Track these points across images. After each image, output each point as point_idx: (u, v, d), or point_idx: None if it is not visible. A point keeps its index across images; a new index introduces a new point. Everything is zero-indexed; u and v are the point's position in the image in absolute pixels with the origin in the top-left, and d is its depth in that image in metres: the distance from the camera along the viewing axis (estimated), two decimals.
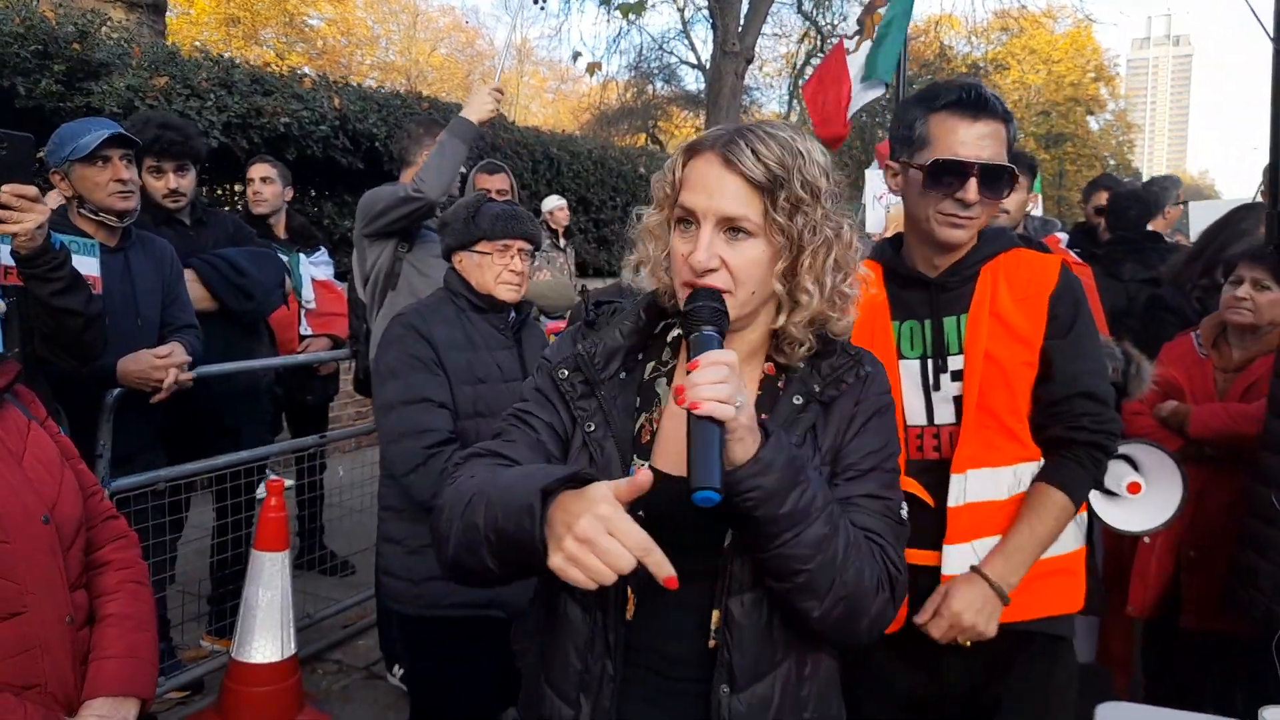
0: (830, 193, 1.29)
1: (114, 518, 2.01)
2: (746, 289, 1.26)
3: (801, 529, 1.16)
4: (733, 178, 1.23)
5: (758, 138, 1.24)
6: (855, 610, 1.23)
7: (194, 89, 5.87)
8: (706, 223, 1.25)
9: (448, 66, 33.45)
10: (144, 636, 1.89)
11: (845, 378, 1.34)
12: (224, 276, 3.68)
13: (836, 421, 1.33)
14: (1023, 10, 23.47)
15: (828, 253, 1.28)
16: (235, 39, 24.39)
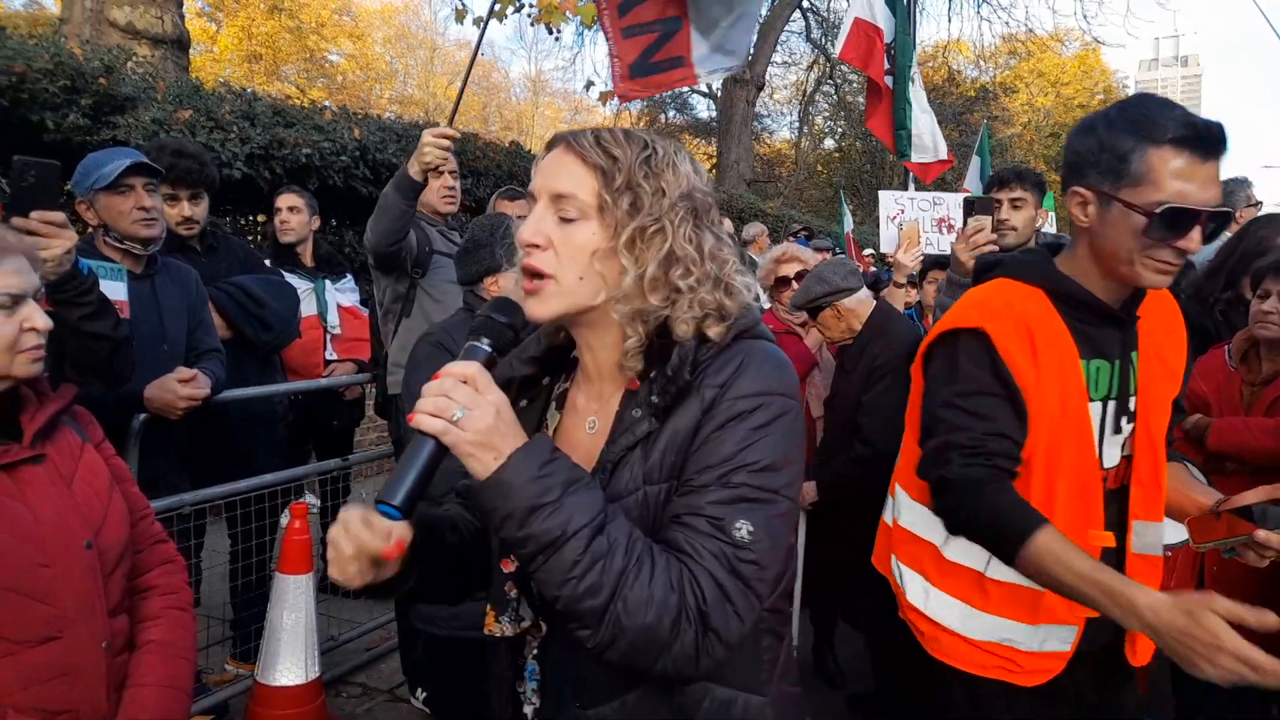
0: (689, 196, 1.25)
1: (162, 542, 2.01)
2: (572, 273, 1.23)
3: (549, 554, 1.09)
4: (570, 159, 1.24)
5: (610, 132, 1.26)
6: (641, 645, 1.12)
7: (218, 121, 5.97)
8: (541, 199, 1.26)
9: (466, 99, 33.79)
10: (183, 665, 1.88)
11: (675, 382, 1.22)
12: (241, 306, 3.71)
13: (674, 434, 1.22)
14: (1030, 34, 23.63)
15: (662, 242, 1.22)
16: (257, 75, 24.84)
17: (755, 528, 1.17)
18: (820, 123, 31.14)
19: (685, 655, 1.14)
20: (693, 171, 1.29)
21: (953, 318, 1.82)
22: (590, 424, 1.34)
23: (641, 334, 1.25)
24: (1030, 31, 23.06)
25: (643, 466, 1.23)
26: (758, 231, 8.69)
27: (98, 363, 2.67)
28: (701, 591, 1.14)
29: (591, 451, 1.30)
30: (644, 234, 1.22)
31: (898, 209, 4.13)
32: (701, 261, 1.25)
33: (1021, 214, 3.44)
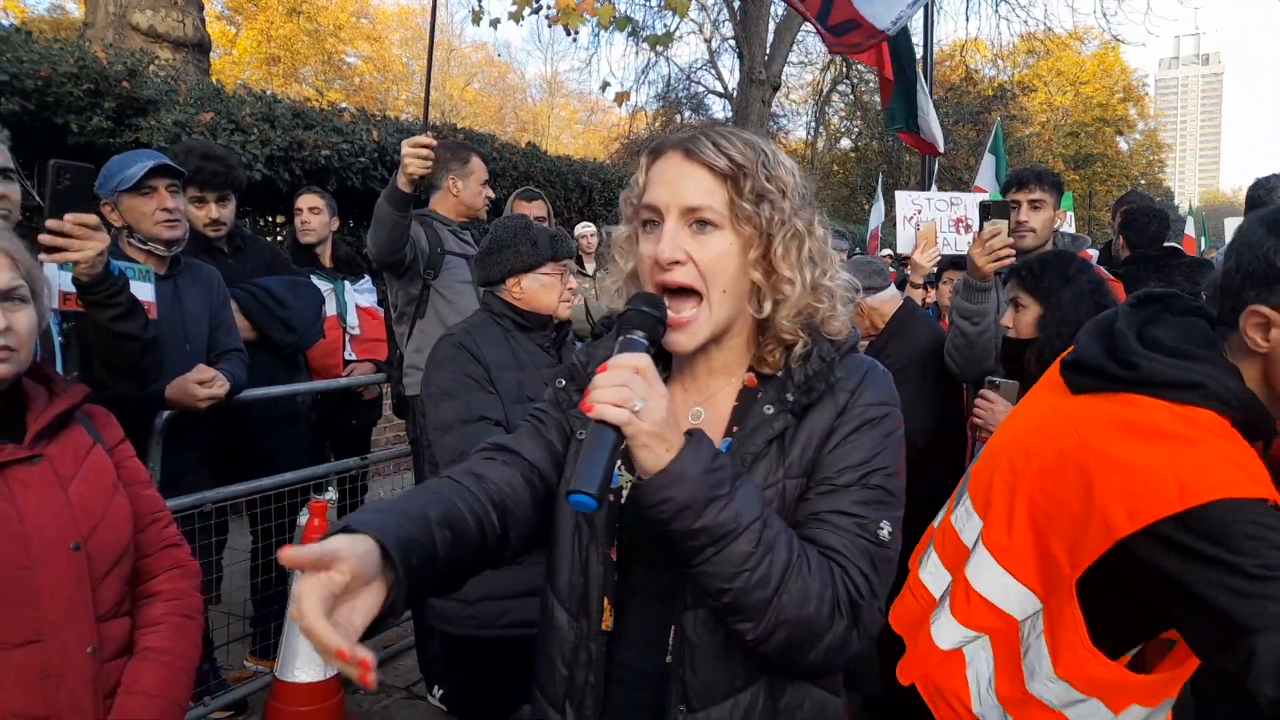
0: (799, 192, 1.26)
1: (174, 546, 1.98)
2: (718, 286, 1.22)
3: (722, 546, 1.10)
4: (695, 169, 1.21)
5: (719, 134, 1.24)
6: (800, 637, 1.14)
7: (238, 124, 6.03)
8: (670, 216, 1.22)
9: (481, 100, 34.01)
10: (178, 675, 1.83)
11: (816, 385, 1.25)
12: (266, 308, 3.74)
13: (811, 433, 1.25)
14: (1049, 33, 23.45)
15: (800, 244, 1.24)
16: (276, 77, 25.05)
17: (892, 527, 1.23)
18: (836, 123, 31.06)
19: (836, 646, 1.17)
20: (794, 166, 1.29)
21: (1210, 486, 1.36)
22: (695, 414, 1.34)
23: (805, 337, 1.28)
24: (1049, 30, 22.89)
25: (782, 462, 1.24)
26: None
27: (128, 363, 2.70)
28: (855, 586, 1.18)
29: None
30: (787, 239, 1.23)
31: (915, 209, 4.12)
32: (830, 253, 1.29)
33: (1040, 215, 3.43)
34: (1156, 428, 1.43)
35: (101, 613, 1.76)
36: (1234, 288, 1.47)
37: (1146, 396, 1.47)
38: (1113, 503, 1.40)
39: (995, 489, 1.66)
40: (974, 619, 1.65)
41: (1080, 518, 1.46)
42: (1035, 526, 1.55)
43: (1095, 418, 1.51)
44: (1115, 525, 1.39)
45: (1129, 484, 1.40)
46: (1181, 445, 1.40)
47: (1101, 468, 1.44)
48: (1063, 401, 1.61)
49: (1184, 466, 1.38)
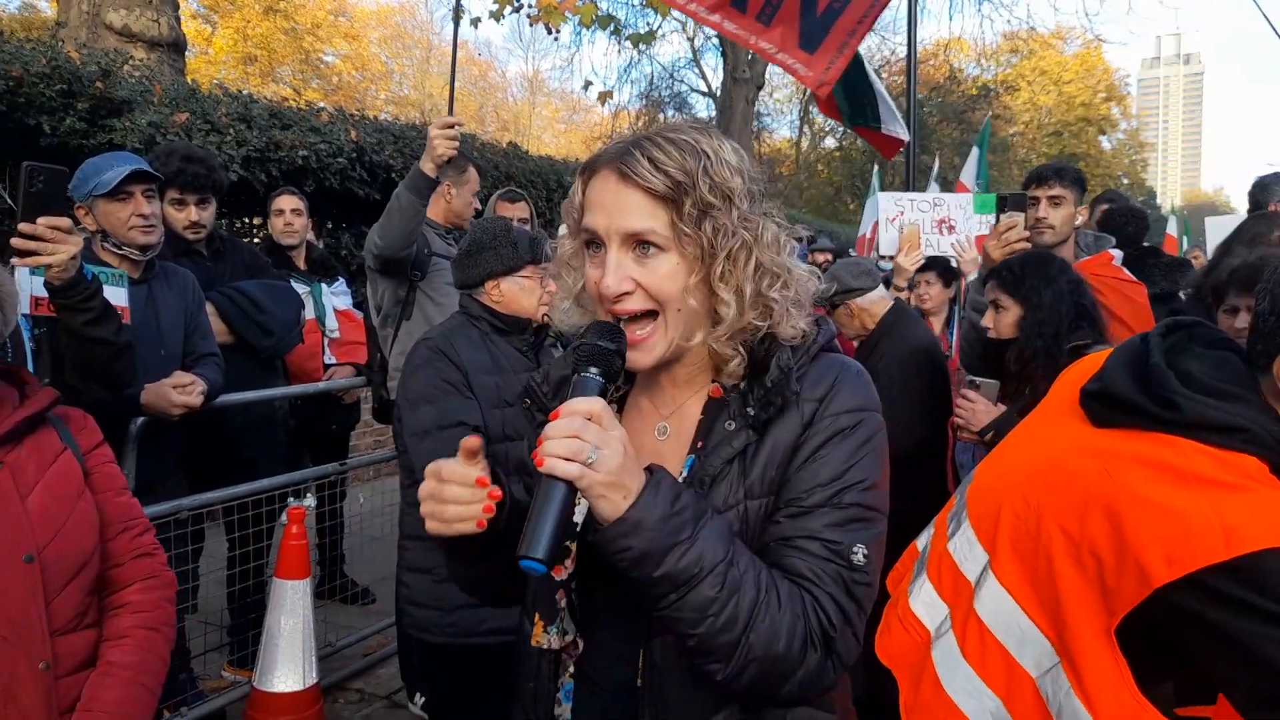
0: (747, 192, 1.20)
1: (148, 555, 1.92)
2: (671, 306, 1.18)
3: (685, 591, 1.06)
4: (632, 191, 1.15)
5: (655, 145, 1.16)
6: (771, 674, 1.11)
7: (214, 124, 5.96)
8: (612, 244, 1.17)
9: (461, 99, 33.89)
10: (139, 691, 1.77)
11: (774, 399, 1.19)
12: (243, 312, 3.71)
13: (775, 449, 1.19)
14: (1032, 32, 23.59)
15: (747, 256, 1.18)
16: (253, 77, 24.85)
17: (868, 549, 1.17)
18: (820, 121, 31.12)
19: (810, 680, 1.13)
20: (739, 159, 1.21)
21: (1260, 534, 1.30)
22: (661, 429, 1.30)
23: (743, 354, 1.23)
24: (1032, 29, 23.02)
25: (743, 482, 1.19)
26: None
27: (101, 369, 2.67)
28: (827, 616, 1.13)
29: (662, 456, 1.26)
30: (731, 255, 1.17)
31: (898, 210, 4.11)
32: (781, 259, 1.22)
33: (1060, 211, 3.41)
34: (1198, 473, 1.35)
35: (58, 626, 1.70)
36: (1268, 330, 1.40)
37: (1184, 439, 1.38)
38: (1149, 548, 1.32)
39: (1006, 522, 1.57)
40: (990, 670, 1.57)
41: (1114, 563, 1.37)
42: (1059, 570, 1.45)
43: (1128, 457, 1.42)
44: (1153, 573, 1.31)
45: (1168, 529, 1.32)
46: (1226, 491, 1.33)
47: (1136, 510, 1.36)
48: (1085, 434, 1.52)
49: (1230, 513, 1.30)
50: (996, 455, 1.78)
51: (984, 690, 1.57)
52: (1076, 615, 1.43)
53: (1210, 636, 1.30)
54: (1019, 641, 1.52)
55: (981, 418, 2.80)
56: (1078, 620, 1.43)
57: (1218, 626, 1.29)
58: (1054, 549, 1.46)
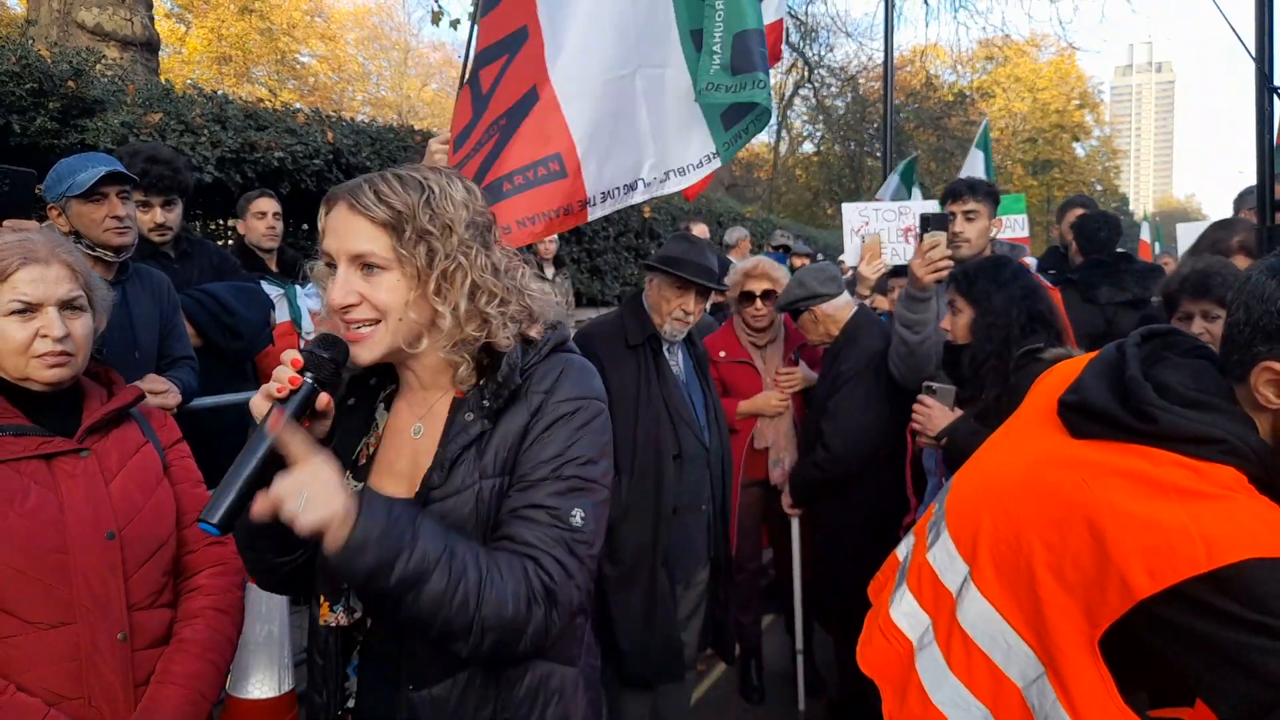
0: (470, 223, 1.37)
1: (218, 543, 2.05)
2: (393, 316, 1.35)
3: (419, 589, 1.21)
4: (358, 219, 1.34)
5: (384, 180, 1.35)
6: (506, 636, 1.28)
7: (188, 125, 5.89)
8: (342, 262, 1.35)
9: (439, 101, 33.74)
10: (208, 666, 1.92)
11: (503, 391, 1.38)
12: (211, 314, 3.67)
13: (507, 434, 1.38)
14: (1007, 39, 23.88)
15: (464, 277, 1.35)
16: (227, 77, 24.63)
17: (586, 513, 1.37)
18: (799, 126, 31.31)
19: (539, 631, 1.31)
20: (468, 197, 1.40)
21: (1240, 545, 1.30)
22: (416, 429, 1.46)
23: (469, 359, 1.40)
24: (1007, 37, 23.33)
25: (478, 464, 1.37)
26: (740, 236, 8.69)
27: None
28: (548, 574, 1.32)
29: (417, 454, 1.44)
30: (446, 275, 1.35)
31: (862, 221, 4.14)
32: (501, 280, 1.40)
33: (975, 225, 3.46)
34: (1176, 484, 1.35)
35: (135, 601, 1.85)
36: (1243, 341, 1.40)
37: (1161, 450, 1.39)
38: (1131, 561, 1.32)
39: (985, 533, 1.57)
40: (977, 681, 1.57)
41: (1095, 576, 1.37)
42: (1041, 582, 1.46)
43: (1107, 469, 1.42)
44: (1135, 585, 1.31)
45: (1149, 541, 1.32)
46: (1205, 501, 1.32)
47: (1117, 523, 1.36)
48: (1064, 445, 1.52)
49: (1210, 523, 1.30)
50: (974, 464, 1.76)
51: (972, 701, 1.58)
52: (1059, 627, 1.43)
53: (1196, 646, 1.31)
54: (1005, 654, 1.53)
55: (938, 422, 2.82)
56: (1061, 632, 1.43)
57: (1203, 637, 1.29)
58: (1035, 561, 1.46)
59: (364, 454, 1.47)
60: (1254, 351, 1.38)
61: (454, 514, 1.35)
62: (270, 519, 1.19)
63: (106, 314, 1.97)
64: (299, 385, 1.26)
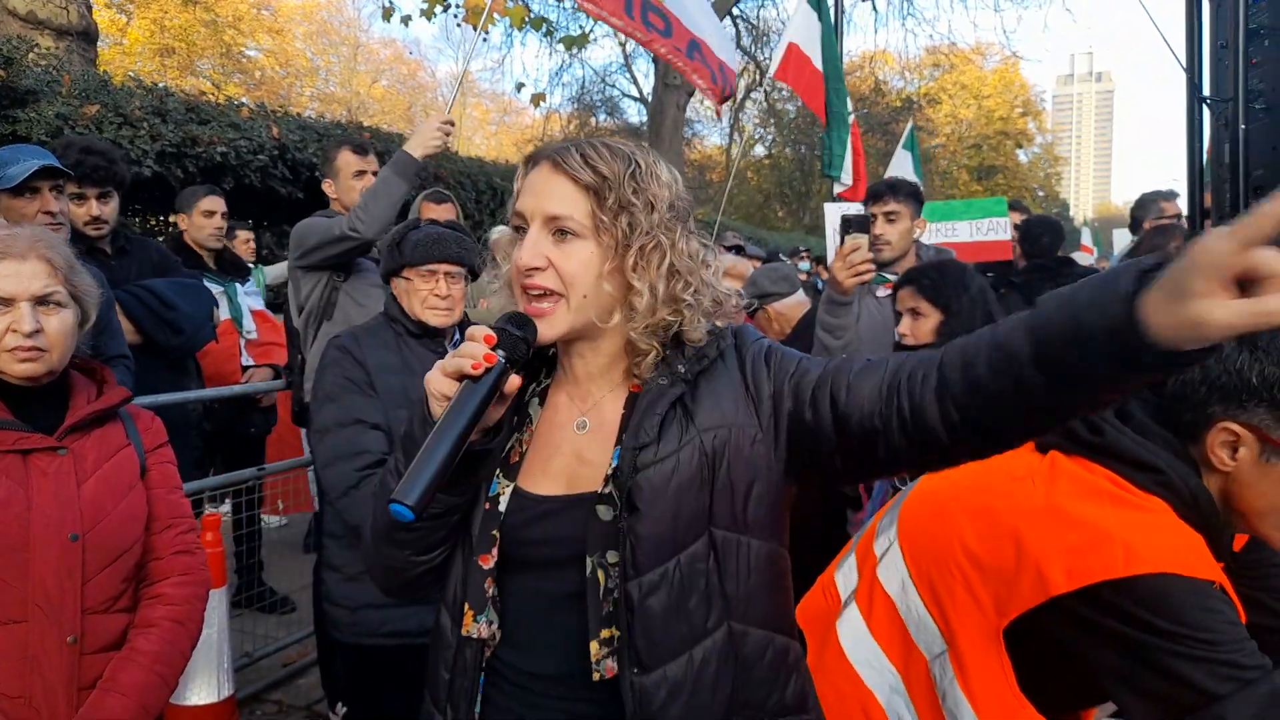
0: (671, 205, 1.28)
1: (186, 553, 2.02)
2: (577, 291, 1.24)
3: None
4: (560, 179, 1.24)
5: (592, 146, 1.26)
6: None
7: (126, 117, 5.74)
8: (534, 223, 1.25)
9: (389, 98, 33.34)
10: (157, 678, 1.88)
11: (708, 352, 1.29)
12: (150, 310, 3.57)
13: (717, 392, 1.27)
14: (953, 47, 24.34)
15: (661, 258, 1.25)
16: (170, 70, 24.00)
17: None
18: (751, 129, 31.53)
19: None
20: (672, 179, 1.30)
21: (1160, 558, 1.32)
22: (580, 424, 1.33)
23: (658, 347, 1.28)
24: (953, 44, 23.77)
25: (690, 421, 1.25)
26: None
27: None
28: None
29: (580, 450, 1.30)
30: (644, 252, 1.24)
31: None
32: (697, 268, 1.29)
33: (897, 227, 3.44)
34: (1105, 490, 1.38)
35: (90, 605, 1.83)
36: (1197, 399, 1.39)
37: (1099, 465, 1.42)
38: (1050, 557, 1.35)
39: (922, 507, 1.63)
40: (892, 645, 1.61)
41: (1011, 566, 1.40)
42: (957, 562, 1.50)
43: (1045, 471, 1.47)
44: (1051, 581, 1.34)
45: (1071, 540, 1.34)
46: (1131, 510, 1.35)
47: (1041, 518, 1.39)
48: (1022, 455, 1.54)
49: (1133, 532, 1.32)
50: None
51: (886, 664, 1.62)
52: (966, 610, 1.47)
53: (1110, 642, 1.33)
54: (916, 625, 1.57)
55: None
56: (968, 615, 1.47)
57: (1117, 635, 1.32)
58: (955, 541, 1.50)
59: (516, 452, 1.34)
60: (1209, 411, 1.38)
61: (680, 474, 1.22)
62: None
63: (97, 310, 1.97)
64: (494, 363, 1.15)
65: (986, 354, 1.05)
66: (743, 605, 1.25)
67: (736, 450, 1.24)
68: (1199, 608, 1.28)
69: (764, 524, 1.27)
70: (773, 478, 1.27)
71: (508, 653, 1.30)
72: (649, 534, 1.20)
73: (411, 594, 1.40)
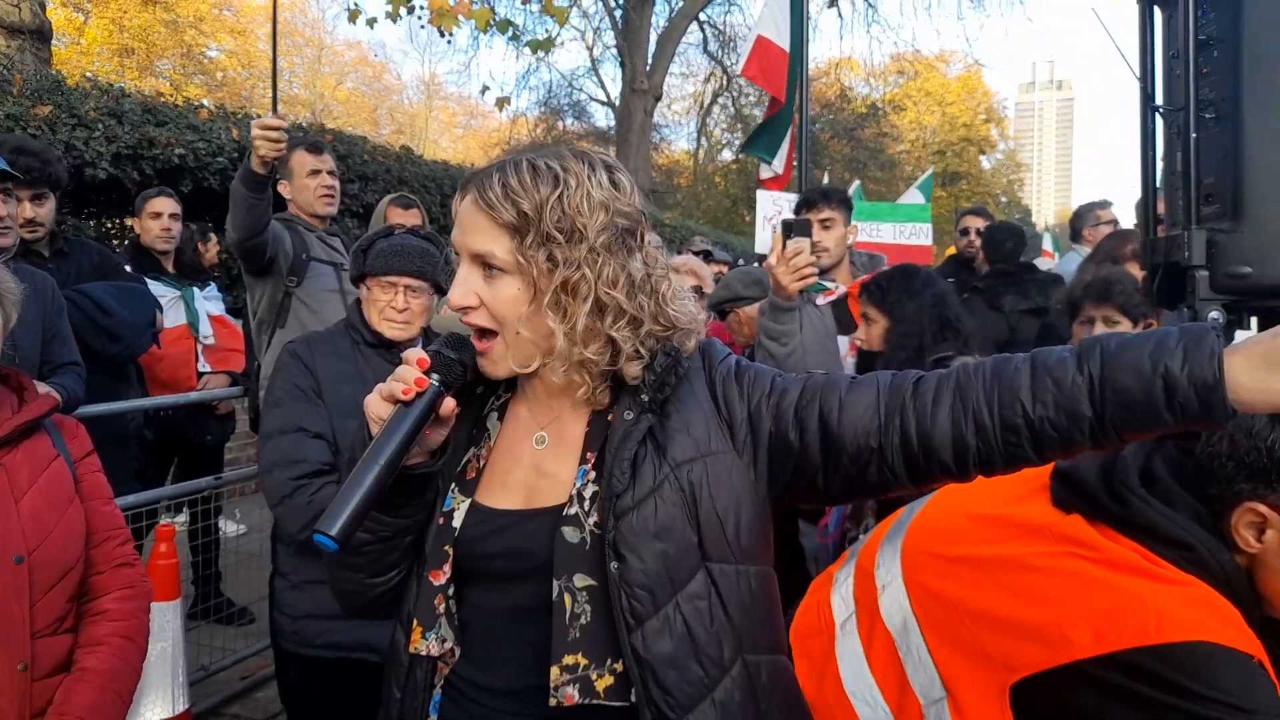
0: (610, 226, 1.20)
1: (127, 565, 1.96)
2: (510, 329, 1.21)
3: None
4: (481, 216, 1.20)
5: (516, 172, 1.19)
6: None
7: (80, 119, 5.63)
8: (463, 259, 1.23)
9: (354, 100, 33.02)
10: (112, 697, 1.82)
11: (669, 380, 1.24)
12: (87, 316, 3.49)
13: (687, 416, 1.24)
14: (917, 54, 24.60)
15: (587, 290, 1.18)
16: (129, 70, 23.57)
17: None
18: (718, 134, 31.66)
19: None
20: (613, 193, 1.22)
21: (1193, 626, 1.25)
22: (539, 439, 1.30)
23: (589, 383, 1.23)
24: (917, 51, 24.03)
25: (664, 456, 1.21)
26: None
27: None
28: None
29: (540, 464, 1.27)
30: (566, 287, 1.18)
31: (775, 210, 4.17)
32: (634, 295, 1.21)
33: (832, 234, 3.45)
34: (1134, 564, 1.32)
35: (39, 629, 1.75)
36: (1224, 475, 1.32)
37: (1127, 539, 1.35)
38: (1076, 619, 1.29)
39: (936, 547, 1.56)
40: (888, 683, 1.56)
41: (1029, 624, 1.34)
42: (970, 614, 1.43)
43: (1071, 538, 1.39)
44: (1076, 644, 1.27)
45: (1100, 603, 1.29)
46: (1160, 582, 1.29)
47: (1066, 579, 1.33)
48: (1042, 505, 1.48)
49: (1166, 600, 1.26)
50: (963, 487, 1.72)
51: (880, 701, 1.57)
52: (974, 661, 1.42)
53: (1133, 708, 1.27)
54: (914, 665, 1.52)
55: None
56: (975, 666, 1.42)
57: (1146, 699, 1.25)
58: (979, 599, 1.43)
59: (473, 467, 1.31)
60: (1236, 489, 1.32)
61: (662, 514, 1.17)
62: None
63: (17, 310, 1.86)
64: (425, 387, 1.14)
65: (1034, 388, 1.07)
66: (752, 635, 1.23)
67: (716, 480, 1.21)
68: (1235, 676, 1.22)
69: (756, 549, 1.25)
70: (757, 500, 1.25)
71: (465, 668, 1.28)
72: (640, 580, 1.16)
73: (374, 615, 1.37)
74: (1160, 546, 1.33)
